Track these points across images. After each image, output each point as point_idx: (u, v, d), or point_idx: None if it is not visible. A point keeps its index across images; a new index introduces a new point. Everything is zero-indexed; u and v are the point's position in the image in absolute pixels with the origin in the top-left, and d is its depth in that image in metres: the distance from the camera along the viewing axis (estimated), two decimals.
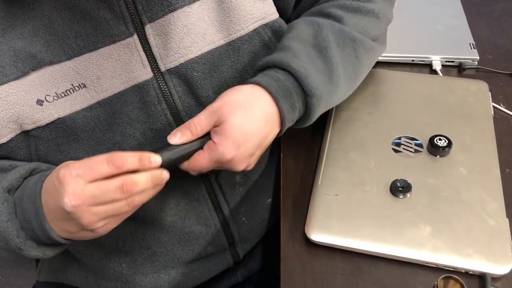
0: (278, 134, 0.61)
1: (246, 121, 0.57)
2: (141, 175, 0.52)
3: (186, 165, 0.57)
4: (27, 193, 0.55)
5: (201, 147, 0.57)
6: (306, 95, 0.60)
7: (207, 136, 0.57)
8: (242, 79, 0.67)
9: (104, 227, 0.53)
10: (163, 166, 0.54)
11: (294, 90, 0.60)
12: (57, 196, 0.50)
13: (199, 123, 0.57)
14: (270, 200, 0.80)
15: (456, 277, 0.44)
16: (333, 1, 0.70)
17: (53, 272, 0.78)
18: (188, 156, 0.57)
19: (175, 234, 0.70)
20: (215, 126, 0.57)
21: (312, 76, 0.60)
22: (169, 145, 0.56)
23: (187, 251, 0.72)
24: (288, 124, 0.61)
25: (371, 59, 0.69)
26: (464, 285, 0.44)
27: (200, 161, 0.56)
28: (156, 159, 0.53)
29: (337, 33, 0.65)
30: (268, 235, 0.83)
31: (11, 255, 0.62)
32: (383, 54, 0.84)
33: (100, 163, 0.50)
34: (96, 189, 0.50)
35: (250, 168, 0.60)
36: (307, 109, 0.61)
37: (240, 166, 0.58)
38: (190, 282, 0.76)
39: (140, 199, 0.52)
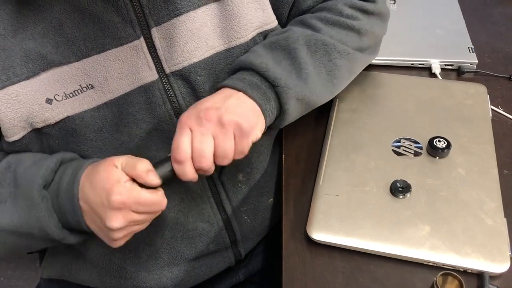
0: (265, 120, 0.60)
1: (225, 105, 0.57)
2: None
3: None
4: (63, 188, 0.58)
5: None
6: (273, 86, 0.61)
7: None
8: None
9: (124, 239, 0.58)
10: (163, 182, 0.56)
11: (261, 83, 0.61)
12: (103, 214, 0.55)
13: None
14: (271, 199, 0.81)
15: (455, 273, 0.45)
16: (316, 13, 0.71)
17: (57, 269, 0.79)
18: None
19: (179, 230, 0.71)
20: None
21: (274, 69, 0.61)
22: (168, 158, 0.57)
23: (190, 248, 0.73)
24: (269, 115, 0.61)
25: (351, 65, 0.70)
26: (463, 281, 0.45)
27: (176, 138, 0.56)
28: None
29: (308, 36, 0.66)
30: (270, 234, 0.84)
31: (39, 244, 0.66)
32: (383, 58, 0.86)
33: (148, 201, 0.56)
34: (141, 216, 0.56)
35: (246, 148, 0.58)
36: (279, 100, 0.62)
37: (211, 114, 0.55)
38: (192, 280, 0.77)
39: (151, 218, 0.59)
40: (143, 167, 0.55)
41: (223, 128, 0.55)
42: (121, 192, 0.54)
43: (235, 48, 0.67)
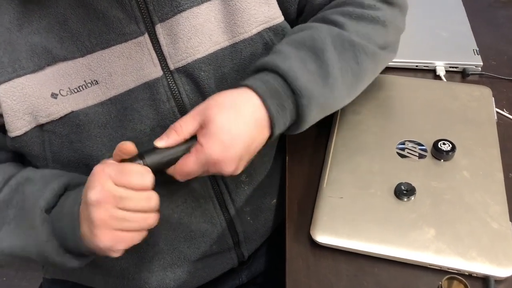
0: (269, 138, 0.60)
1: (233, 123, 0.56)
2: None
3: (172, 170, 0.56)
4: (65, 212, 0.57)
5: (188, 152, 0.56)
6: (295, 95, 0.59)
7: (194, 141, 0.57)
8: (243, 80, 0.68)
9: (113, 239, 0.52)
10: (155, 168, 0.54)
11: (282, 90, 0.59)
12: (86, 190, 0.52)
13: (184, 123, 0.56)
14: (275, 201, 0.80)
15: (460, 277, 0.45)
16: (337, 8, 0.70)
17: (60, 269, 0.79)
18: (175, 161, 0.56)
19: (182, 231, 0.71)
20: (201, 128, 0.56)
21: (302, 77, 0.59)
22: (156, 149, 0.55)
23: (193, 249, 0.73)
24: (279, 127, 0.60)
25: (375, 66, 0.69)
26: (468, 285, 0.44)
27: (187, 164, 0.56)
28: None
29: (335, 36, 0.64)
30: (272, 236, 0.84)
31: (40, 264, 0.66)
32: None
33: (133, 172, 0.52)
34: (124, 192, 0.52)
35: (237, 172, 0.59)
36: (298, 111, 0.60)
37: (227, 169, 0.57)
38: (195, 281, 0.77)
39: (153, 220, 0.54)
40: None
41: (216, 166, 0.56)
42: (99, 189, 0.52)
43: (240, 43, 0.66)
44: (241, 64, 0.67)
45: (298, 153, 0.74)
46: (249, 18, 0.66)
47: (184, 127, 0.56)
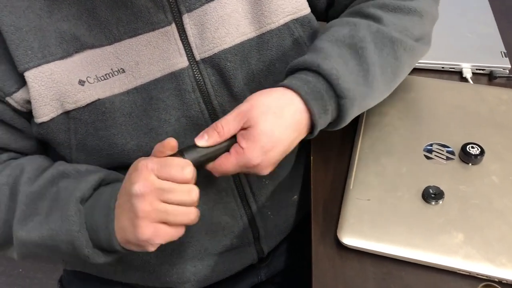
0: (308, 136, 0.61)
1: (275, 128, 0.57)
2: None
3: (211, 166, 0.57)
4: (100, 205, 0.57)
5: (227, 150, 0.57)
6: (338, 97, 0.59)
7: (233, 139, 0.57)
8: (269, 72, 0.68)
9: (153, 232, 0.53)
10: (195, 164, 0.55)
11: (325, 92, 0.59)
12: (128, 184, 0.53)
13: (226, 124, 0.57)
14: (296, 197, 0.80)
15: (496, 285, 0.44)
16: (372, 0, 0.69)
17: (82, 262, 0.80)
18: (214, 158, 0.57)
19: (203, 224, 0.71)
20: (242, 128, 0.57)
21: (344, 77, 0.59)
22: (196, 146, 0.56)
23: (213, 243, 0.74)
24: (320, 127, 0.60)
25: (412, 60, 0.68)
26: None
27: (226, 164, 0.57)
28: None
29: (374, 33, 0.64)
30: (292, 234, 0.84)
31: (65, 260, 0.66)
32: None
33: (174, 164, 0.54)
34: (167, 184, 0.53)
35: (269, 171, 0.60)
36: (339, 112, 0.61)
37: (265, 172, 0.58)
38: (215, 276, 0.77)
39: (194, 215, 0.55)
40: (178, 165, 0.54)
41: (255, 168, 0.57)
42: (144, 182, 0.53)
43: (266, 34, 0.66)
44: (267, 55, 0.67)
45: (323, 153, 0.74)
46: (277, 9, 0.66)
47: (225, 128, 0.56)
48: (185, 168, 0.53)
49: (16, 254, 0.63)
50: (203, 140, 0.56)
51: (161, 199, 0.53)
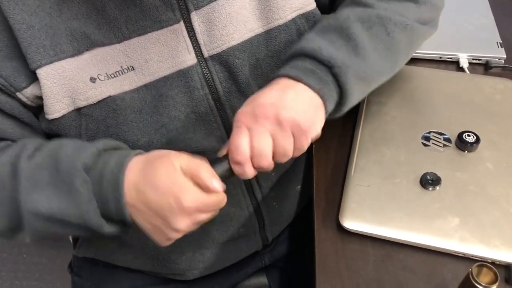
0: (325, 109, 0.59)
1: (261, 91, 0.58)
2: None
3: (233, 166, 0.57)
4: (107, 176, 0.56)
5: None
6: (329, 67, 0.59)
7: None
8: (277, 67, 0.68)
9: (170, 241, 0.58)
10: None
11: (315, 67, 0.59)
12: (171, 215, 0.55)
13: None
14: (299, 187, 0.83)
15: (490, 265, 0.47)
16: None
17: (93, 249, 0.82)
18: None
19: None
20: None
21: (328, 49, 0.60)
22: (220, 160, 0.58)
23: (221, 232, 0.76)
24: (330, 100, 0.59)
25: (410, 38, 0.67)
26: (497, 273, 0.47)
27: (235, 138, 0.56)
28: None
29: (360, 13, 0.64)
30: (294, 221, 0.87)
31: (74, 233, 0.65)
32: None
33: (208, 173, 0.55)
34: (206, 216, 0.57)
35: (317, 132, 0.58)
36: (338, 81, 0.60)
37: (268, 111, 0.55)
38: (221, 263, 0.80)
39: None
40: (207, 174, 0.55)
41: (281, 126, 0.55)
42: (193, 200, 0.54)
43: (274, 30, 0.67)
44: (275, 51, 0.68)
45: (324, 142, 0.76)
46: (284, 5, 0.66)
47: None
48: (224, 201, 0.58)
49: (28, 234, 0.61)
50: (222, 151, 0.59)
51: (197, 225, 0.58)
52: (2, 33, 0.58)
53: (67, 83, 0.60)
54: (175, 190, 0.54)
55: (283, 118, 0.55)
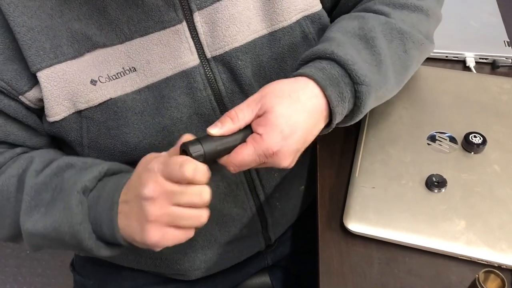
0: (326, 127, 0.60)
1: (293, 111, 0.54)
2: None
3: (225, 159, 0.54)
4: (104, 197, 0.56)
5: (243, 142, 0.54)
6: (354, 83, 0.58)
7: (249, 131, 0.55)
8: (280, 69, 0.68)
9: (161, 236, 0.52)
10: (206, 158, 0.52)
11: (341, 78, 0.57)
12: (138, 184, 0.52)
13: (240, 110, 0.55)
14: (303, 187, 0.82)
15: (497, 271, 0.47)
16: None
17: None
18: (229, 150, 0.54)
19: (214, 215, 0.72)
20: (258, 116, 0.55)
21: (359, 64, 0.58)
22: (211, 137, 0.53)
23: (223, 233, 0.76)
24: (338, 117, 0.58)
25: (420, 55, 0.68)
26: (505, 280, 0.46)
27: (243, 154, 0.53)
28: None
29: (383, 24, 0.64)
30: (297, 221, 0.86)
31: (72, 250, 0.64)
32: None
33: (175, 164, 0.50)
34: (177, 187, 0.51)
35: (291, 166, 0.57)
36: (357, 100, 0.59)
37: (285, 162, 0.55)
38: (224, 263, 0.80)
39: (205, 217, 0.53)
40: (189, 170, 0.50)
41: (276, 157, 0.54)
42: (155, 160, 0.51)
43: (278, 32, 0.66)
44: (279, 53, 0.67)
45: (329, 142, 0.75)
46: (289, 6, 0.66)
47: (240, 115, 0.54)
48: (198, 169, 0.50)
49: (27, 245, 0.62)
50: (216, 128, 0.53)
51: (171, 202, 0.51)
52: (4, 35, 0.58)
53: (68, 85, 0.59)
54: (145, 161, 0.53)
55: (282, 154, 0.54)
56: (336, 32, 0.63)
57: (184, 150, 0.52)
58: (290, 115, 0.54)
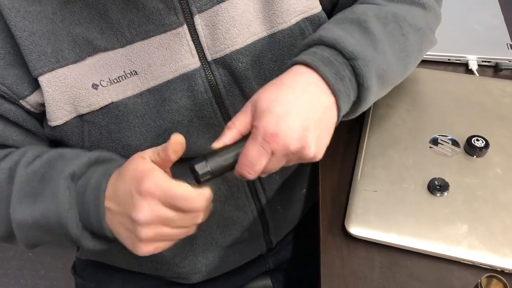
0: (338, 111, 0.56)
1: (280, 93, 0.53)
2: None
3: (237, 168, 0.53)
4: (92, 184, 0.54)
5: None
6: (349, 59, 0.56)
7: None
8: (280, 71, 0.67)
9: (152, 250, 0.52)
10: (214, 173, 0.52)
11: (334, 58, 0.56)
12: (130, 205, 0.50)
13: (235, 117, 0.55)
14: (304, 190, 0.82)
15: (500, 276, 0.46)
16: None
17: (96, 251, 0.82)
18: (237, 159, 0.53)
19: (215, 218, 0.73)
20: (253, 115, 0.54)
21: (349, 40, 0.57)
22: (216, 152, 0.53)
23: (224, 236, 0.75)
24: (343, 96, 0.56)
25: (421, 42, 0.66)
26: (508, 284, 0.46)
27: (247, 151, 0.52)
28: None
29: (376, 9, 0.63)
30: (300, 224, 0.86)
31: (62, 244, 0.61)
32: None
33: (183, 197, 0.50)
34: (175, 215, 0.50)
35: (311, 150, 0.53)
36: (358, 77, 0.56)
37: (292, 142, 0.52)
38: (225, 266, 0.80)
39: (192, 231, 0.54)
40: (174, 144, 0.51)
41: (286, 154, 0.53)
42: (153, 182, 0.49)
43: (278, 34, 0.66)
44: (279, 55, 0.67)
45: (331, 146, 0.74)
46: (288, 8, 0.66)
47: (236, 121, 0.54)
48: (195, 201, 0.50)
49: (21, 242, 0.61)
50: (219, 141, 0.54)
51: (167, 225, 0.51)
52: (5, 40, 0.58)
53: (69, 90, 0.59)
54: (137, 175, 0.50)
55: (285, 135, 0.52)
56: (327, 23, 0.63)
57: (197, 159, 0.52)
58: (277, 96, 0.53)
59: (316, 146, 0.54)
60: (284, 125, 0.51)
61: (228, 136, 0.54)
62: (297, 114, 0.52)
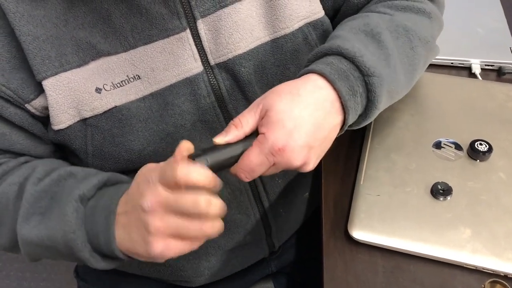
0: (342, 126, 0.57)
1: (294, 106, 0.53)
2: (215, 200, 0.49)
3: (235, 168, 0.53)
4: (101, 205, 0.54)
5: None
6: (364, 75, 0.56)
7: (255, 136, 0.53)
8: (283, 76, 0.68)
9: (165, 247, 0.49)
10: (211, 169, 0.50)
11: (350, 72, 0.56)
12: (137, 195, 0.50)
13: (243, 116, 0.54)
14: (307, 194, 0.82)
15: (503, 282, 0.46)
16: (380, 3, 0.70)
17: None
18: (237, 159, 0.52)
19: None
20: (261, 119, 0.54)
21: (367, 55, 0.57)
22: (217, 147, 0.52)
23: (227, 239, 0.75)
24: (352, 113, 0.56)
25: (427, 55, 0.66)
26: None
27: (250, 157, 0.52)
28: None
29: (388, 22, 0.63)
30: (302, 228, 0.86)
31: (70, 260, 0.60)
32: None
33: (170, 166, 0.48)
34: (171, 194, 0.48)
35: (310, 166, 0.55)
36: (369, 93, 0.57)
37: (296, 159, 0.52)
38: (228, 270, 0.80)
39: (210, 229, 0.50)
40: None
41: (285, 153, 0.52)
42: (153, 195, 0.49)
43: (281, 39, 0.66)
44: (282, 60, 0.68)
45: (333, 149, 0.74)
46: (291, 14, 0.66)
47: (243, 120, 0.53)
48: (200, 201, 0.48)
49: (23, 254, 0.60)
50: (221, 137, 0.52)
51: (170, 212, 0.48)
52: (10, 45, 0.58)
53: (73, 94, 0.60)
54: (142, 188, 0.50)
55: (290, 150, 0.52)
56: (341, 31, 0.63)
57: (197, 155, 0.51)
58: (292, 110, 0.53)
59: (315, 162, 0.56)
60: (293, 143, 0.52)
61: (233, 135, 0.53)
62: (305, 133, 0.53)
